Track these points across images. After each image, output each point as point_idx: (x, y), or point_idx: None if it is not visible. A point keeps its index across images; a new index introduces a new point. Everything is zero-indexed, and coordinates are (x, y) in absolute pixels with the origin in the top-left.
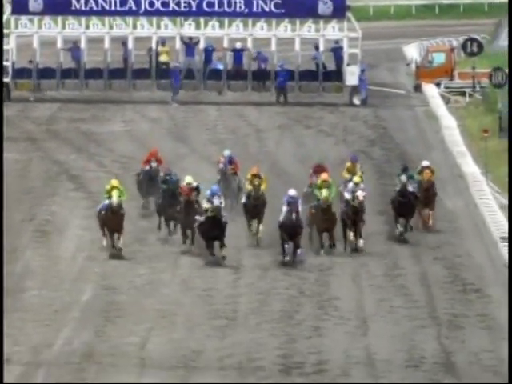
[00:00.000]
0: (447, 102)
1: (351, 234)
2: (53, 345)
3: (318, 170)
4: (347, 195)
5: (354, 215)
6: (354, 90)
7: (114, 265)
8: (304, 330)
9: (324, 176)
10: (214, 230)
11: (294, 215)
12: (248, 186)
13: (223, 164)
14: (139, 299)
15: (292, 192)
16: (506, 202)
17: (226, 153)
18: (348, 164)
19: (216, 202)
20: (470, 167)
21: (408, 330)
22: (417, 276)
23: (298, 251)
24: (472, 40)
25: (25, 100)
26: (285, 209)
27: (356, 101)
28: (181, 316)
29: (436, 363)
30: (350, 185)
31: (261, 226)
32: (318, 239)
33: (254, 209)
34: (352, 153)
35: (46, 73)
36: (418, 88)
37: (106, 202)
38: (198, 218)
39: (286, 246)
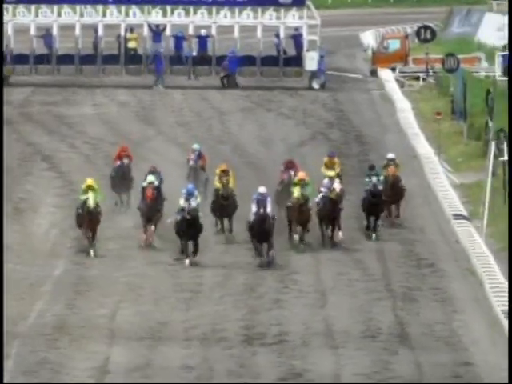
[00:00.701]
0: (402, 86)
1: (329, 231)
2: (27, 317)
3: (289, 165)
4: (323, 189)
5: (332, 207)
6: (313, 74)
7: (84, 241)
8: (266, 303)
9: (301, 175)
10: (189, 230)
11: (262, 209)
12: (217, 183)
13: (193, 160)
14: (108, 273)
15: (262, 189)
16: (457, 181)
17: (196, 147)
18: (325, 159)
19: (193, 203)
20: (423, 148)
21: (365, 303)
22: (373, 251)
23: (270, 253)
24: (425, 27)
25: None
26: (254, 208)
27: (315, 85)
28: (148, 289)
29: (391, 334)
30: (325, 180)
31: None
32: (293, 228)
33: (224, 208)
34: (330, 149)
35: (20, 58)
36: (374, 73)
37: (82, 201)
38: (170, 219)
39: (257, 252)
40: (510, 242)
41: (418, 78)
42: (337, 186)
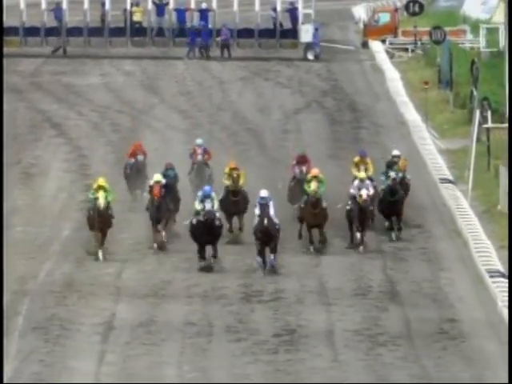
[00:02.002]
0: (391, 57)
1: (358, 234)
2: (37, 276)
3: (301, 160)
4: (353, 191)
5: (360, 213)
6: (308, 46)
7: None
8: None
9: (315, 171)
10: (206, 235)
11: (265, 220)
12: (226, 181)
13: (201, 155)
14: (115, 235)
15: (263, 193)
16: (444, 146)
17: (199, 141)
18: (356, 159)
19: (208, 205)
20: (411, 115)
21: (357, 262)
22: None
23: (271, 256)
24: (414, 1)
25: (12, 55)
26: (257, 212)
27: (310, 56)
28: (152, 250)
29: (381, 292)
30: (356, 182)
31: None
32: (308, 235)
33: (234, 205)
34: (361, 148)
35: (32, 31)
36: (365, 44)
37: (92, 201)
38: (190, 221)
39: (259, 259)
40: (510, 241)
41: (406, 50)
42: (364, 192)
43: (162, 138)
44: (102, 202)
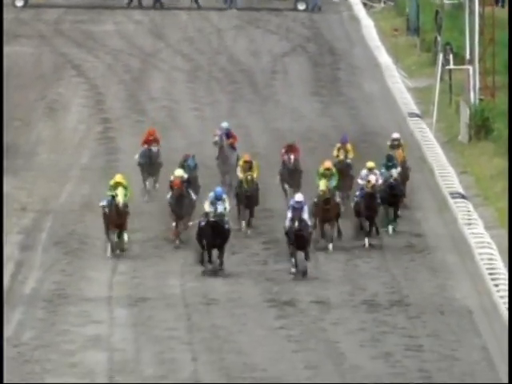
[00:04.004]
0: (366, 7)
1: (367, 225)
2: (59, 197)
3: (290, 149)
4: (360, 181)
5: (369, 200)
6: None
7: (111, 135)
8: None
9: (327, 164)
10: (214, 238)
11: (296, 223)
12: (240, 174)
13: (219, 137)
14: (131, 160)
15: (298, 197)
16: (412, 85)
17: (224, 125)
18: (338, 145)
19: (220, 208)
20: (383, 58)
21: None
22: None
23: (305, 263)
24: None
25: (37, 6)
26: (289, 215)
27: (300, 7)
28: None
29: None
30: (364, 171)
31: (252, 220)
32: (319, 230)
33: (247, 199)
34: (343, 133)
35: None
36: None
37: (109, 197)
38: (198, 222)
39: (293, 259)
40: (510, 238)
41: (380, 1)
42: (372, 177)
43: (168, 78)
44: (120, 200)
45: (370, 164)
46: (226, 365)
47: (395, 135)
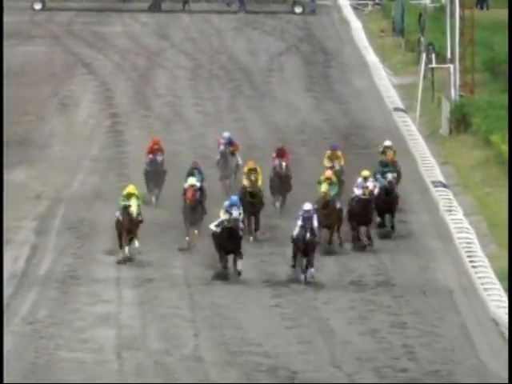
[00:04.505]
0: (360, 10)
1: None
2: (70, 186)
3: (280, 153)
4: (356, 191)
5: (364, 207)
6: (295, 2)
7: (119, 128)
8: None
9: (328, 173)
10: (230, 243)
11: (308, 234)
12: (244, 181)
13: (223, 145)
14: (139, 155)
15: (307, 206)
16: (397, 82)
17: (226, 134)
18: (328, 152)
19: (235, 213)
20: (371, 57)
21: None
22: (325, 131)
23: (312, 270)
24: None
25: (53, 9)
26: (299, 223)
27: (297, 10)
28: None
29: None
30: (359, 180)
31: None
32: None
33: (251, 206)
34: (333, 142)
35: None
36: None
37: (122, 207)
38: (213, 227)
39: (299, 268)
40: (510, 240)
41: (367, 5)
42: (370, 184)
43: (172, 75)
44: (134, 210)
45: (366, 173)
46: (225, 340)
47: (387, 143)
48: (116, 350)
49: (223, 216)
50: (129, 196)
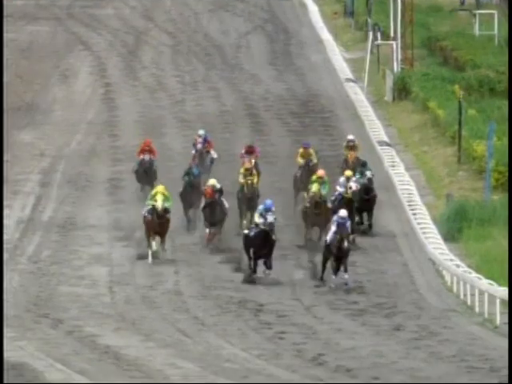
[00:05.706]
0: None
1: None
2: (70, 145)
3: (249, 150)
4: (339, 188)
5: (348, 206)
6: None
7: (111, 96)
8: None
9: (320, 172)
10: (262, 247)
11: (345, 242)
12: (241, 180)
13: (201, 144)
14: (127, 118)
15: (342, 213)
16: (348, 56)
17: (201, 132)
18: (301, 150)
19: (270, 218)
20: (326, 35)
21: None
22: (285, 99)
23: (346, 276)
24: None
25: None
26: (333, 229)
27: None
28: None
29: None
30: (342, 179)
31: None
32: (305, 232)
33: (249, 201)
34: (305, 140)
35: None
36: None
37: (150, 206)
38: (246, 231)
39: (333, 276)
40: (510, 241)
41: None
42: (353, 184)
43: (156, 51)
44: (160, 204)
45: (348, 173)
46: (201, 277)
47: (350, 137)
48: (108, 285)
49: (257, 220)
50: (156, 194)
